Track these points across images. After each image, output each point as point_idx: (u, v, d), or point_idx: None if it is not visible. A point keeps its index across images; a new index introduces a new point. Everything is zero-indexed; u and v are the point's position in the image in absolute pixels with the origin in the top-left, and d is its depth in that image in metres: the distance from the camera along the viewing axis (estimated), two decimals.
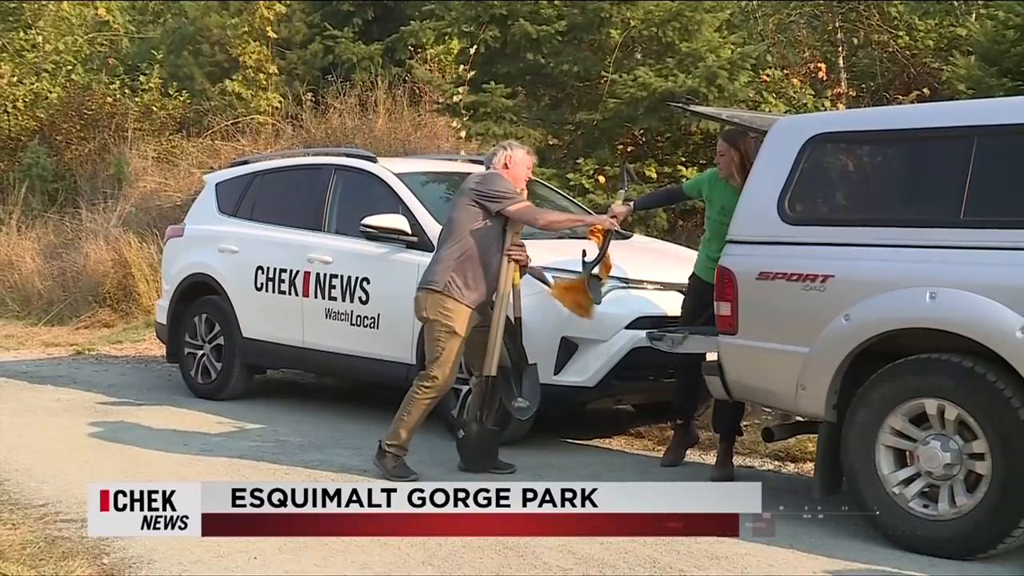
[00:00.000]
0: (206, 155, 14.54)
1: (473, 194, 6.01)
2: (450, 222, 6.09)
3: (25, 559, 4.59)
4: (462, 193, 6.11)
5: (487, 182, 6.05)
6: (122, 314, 12.39)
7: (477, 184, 6.05)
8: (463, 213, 6.01)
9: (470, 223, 5.98)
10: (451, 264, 5.95)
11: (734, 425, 6.22)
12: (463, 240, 5.97)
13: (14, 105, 16.08)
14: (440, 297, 5.93)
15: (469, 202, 6.00)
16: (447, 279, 5.93)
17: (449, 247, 6.00)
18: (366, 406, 8.06)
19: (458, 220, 6.02)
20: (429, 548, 4.82)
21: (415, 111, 13.57)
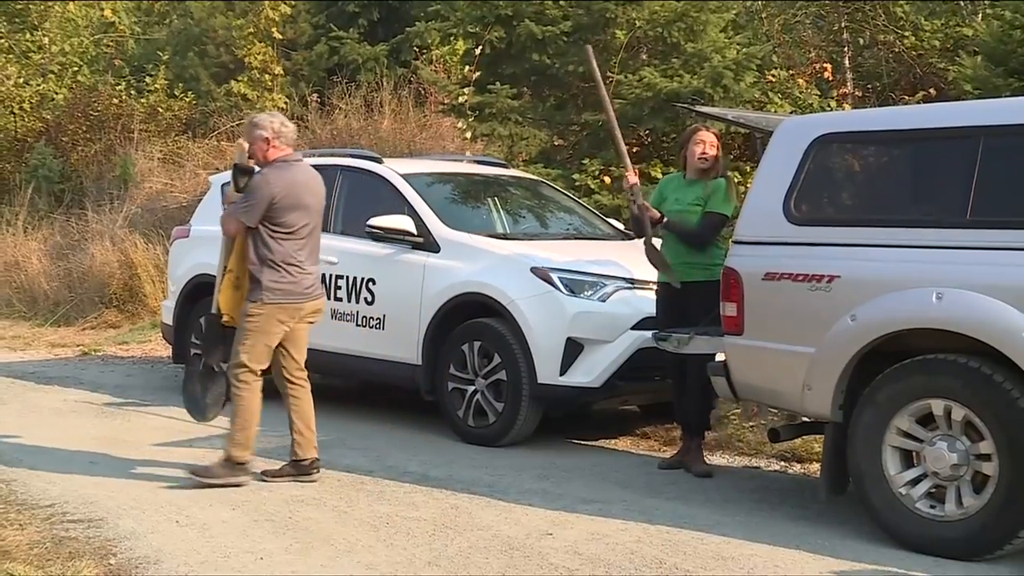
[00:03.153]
0: (212, 156, 14.55)
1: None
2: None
3: (32, 559, 4.59)
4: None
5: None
6: (128, 315, 12.40)
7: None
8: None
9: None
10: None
11: (704, 422, 6.29)
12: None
13: (20, 106, 16.11)
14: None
15: None
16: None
17: None
18: (372, 407, 8.07)
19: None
20: (435, 548, 4.82)
21: (420, 112, 13.57)
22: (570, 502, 5.56)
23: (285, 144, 5.81)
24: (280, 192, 5.69)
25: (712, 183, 6.27)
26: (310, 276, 5.86)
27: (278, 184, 5.70)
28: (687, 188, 6.29)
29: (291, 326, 5.86)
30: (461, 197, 8.17)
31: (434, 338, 7.09)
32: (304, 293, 5.83)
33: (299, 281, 5.78)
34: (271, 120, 5.81)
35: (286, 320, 5.82)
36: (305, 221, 5.79)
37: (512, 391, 6.73)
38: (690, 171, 6.33)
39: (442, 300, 7.08)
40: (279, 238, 5.72)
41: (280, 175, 5.74)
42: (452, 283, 7.06)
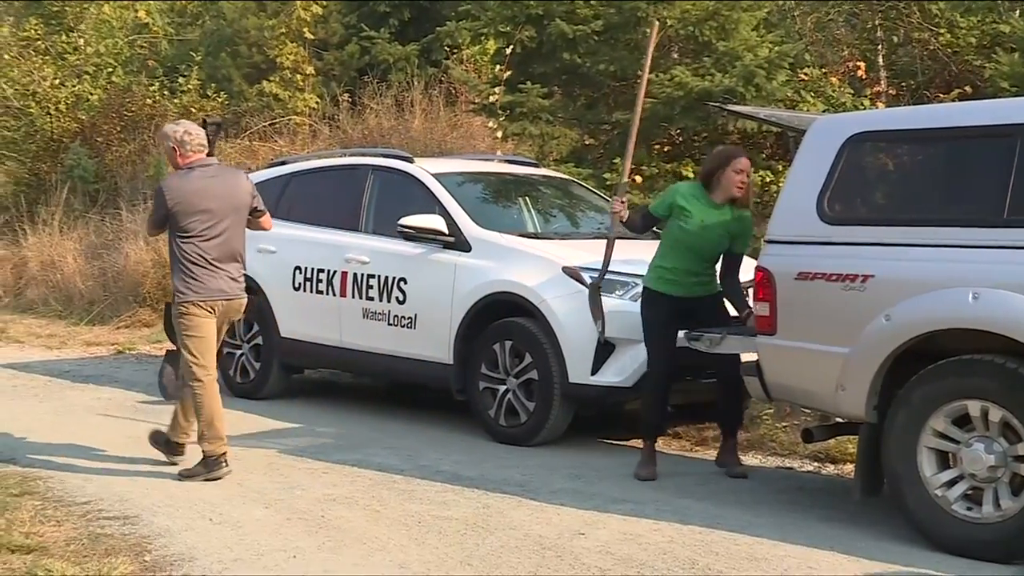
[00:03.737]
0: (244, 156, 14.61)
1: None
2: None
3: (69, 555, 4.64)
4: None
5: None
6: (161, 314, 12.45)
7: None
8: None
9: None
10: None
11: (655, 418, 6.25)
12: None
13: (56, 107, 16.24)
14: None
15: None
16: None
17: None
18: (403, 406, 8.09)
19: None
20: (467, 548, 4.83)
21: (451, 111, 13.59)
22: (602, 502, 5.55)
23: (191, 151, 6.06)
24: (172, 200, 5.96)
25: (740, 214, 6.11)
26: (222, 276, 6.06)
27: (171, 193, 5.98)
28: (713, 210, 6.04)
29: (216, 318, 6.08)
30: (492, 196, 8.17)
31: (465, 337, 7.10)
32: (217, 291, 6.04)
33: (208, 282, 6.00)
34: (175, 130, 6.12)
35: (207, 315, 6.04)
36: (207, 224, 5.99)
37: (543, 390, 6.72)
38: (720, 193, 6.06)
39: (473, 299, 7.08)
40: (183, 241, 5.98)
41: (174, 183, 6.03)
42: (483, 282, 7.07)
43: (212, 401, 6.02)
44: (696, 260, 6.10)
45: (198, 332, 6.03)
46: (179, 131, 6.10)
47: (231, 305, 6.16)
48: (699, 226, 6.01)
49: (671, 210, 6.11)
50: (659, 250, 6.22)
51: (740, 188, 6.00)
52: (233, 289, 6.14)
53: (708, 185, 6.09)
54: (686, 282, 6.09)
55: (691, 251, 6.07)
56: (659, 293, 6.12)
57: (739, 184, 6.00)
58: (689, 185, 6.38)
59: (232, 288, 6.13)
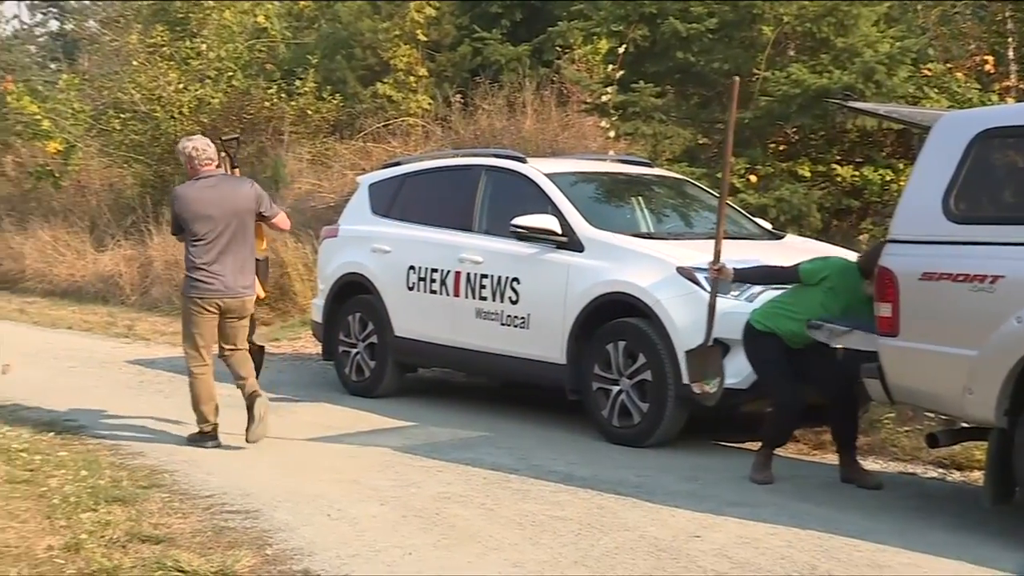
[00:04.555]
0: (358, 157, 14.85)
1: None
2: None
3: (195, 547, 4.77)
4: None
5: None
6: (279, 313, 12.75)
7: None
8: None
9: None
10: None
11: (782, 437, 6.11)
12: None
13: (180, 111, 16.73)
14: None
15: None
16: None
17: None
18: (516, 405, 8.11)
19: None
20: (582, 548, 4.82)
21: (563, 111, 13.57)
22: (717, 504, 5.49)
23: (199, 164, 6.71)
24: (179, 207, 6.68)
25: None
26: (224, 277, 6.61)
27: (177, 201, 6.72)
28: (863, 303, 5.70)
29: (215, 315, 6.66)
30: (605, 196, 8.15)
31: (578, 337, 7.09)
32: (219, 291, 6.61)
33: (209, 283, 6.59)
34: (185, 146, 6.81)
35: (208, 312, 6.64)
36: (209, 229, 6.59)
37: (657, 391, 6.68)
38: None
39: (586, 300, 7.07)
40: (191, 244, 6.64)
41: (180, 192, 6.77)
42: (596, 283, 7.05)
43: (205, 390, 6.76)
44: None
45: (198, 327, 6.67)
46: (188, 147, 6.76)
47: (234, 303, 6.68)
48: (841, 309, 5.81)
49: (820, 282, 5.87)
50: (787, 305, 5.97)
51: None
52: (236, 288, 6.66)
53: (866, 276, 5.74)
54: (796, 342, 5.92)
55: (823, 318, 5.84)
56: (768, 334, 5.97)
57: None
58: (847, 265, 6.00)
59: (235, 288, 6.65)
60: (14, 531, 4.88)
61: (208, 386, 6.77)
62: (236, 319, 6.76)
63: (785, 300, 6.03)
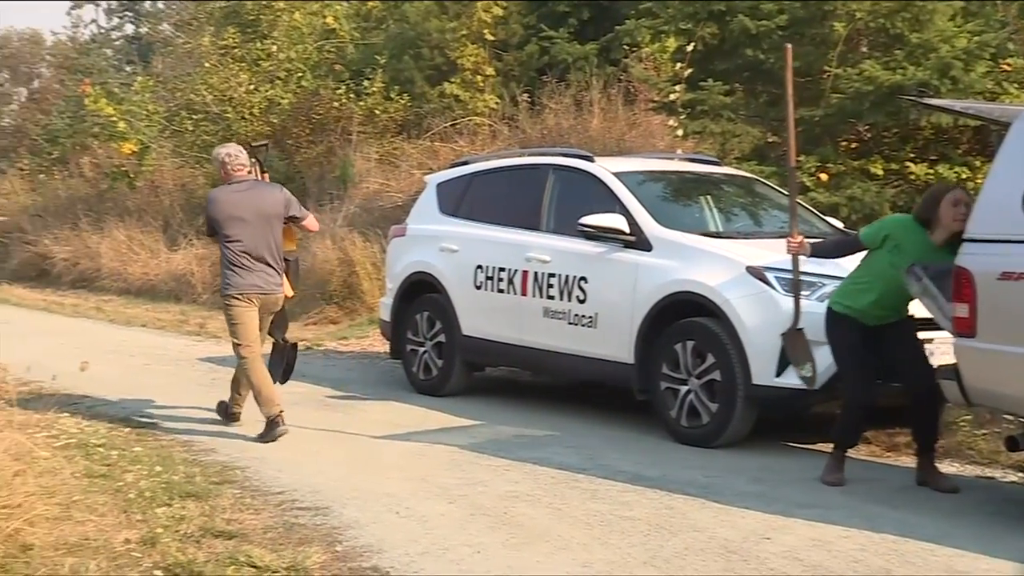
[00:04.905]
0: (425, 156, 14.92)
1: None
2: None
3: (266, 543, 4.83)
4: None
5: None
6: (347, 311, 12.87)
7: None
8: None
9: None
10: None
11: (851, 436, 5.99)
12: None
13: (250, 111, 16.95)
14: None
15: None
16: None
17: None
18: (583, 405, 8.09)
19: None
20: (651, 549, 4.79)
21: (630, 110, 13.51)
22: (787, 506, 5.42)
23: (232, 170, 7.15)
24: (212, 210, 7.10)
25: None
26: (257, 274, 7.02)
27: (211, 204, 7.15)
28: (932, 253, 5.63)
29: (256, 307, 7.05)
30: (673, 195, 8.10)
31: (646, 337, 7.06)
32: (251, 286, 6.99)
33: (245, 278, 6.99)
34: (219, 152, 7.32)
35: (246, 305, 7.03)
36: (240, 230, 6.99)
37: (726, 392, 6.62)
38: (941, 233, 5.65)
39: (654, 299, 7.03)
40: (225, 245, 7.04)
41: (214, 195, 7.20)
42: (665, 282, 7.01)
43: (257, 373, 6.99)
44: (897, 296, 5.77)
45: (240, 320, 7.04)
46: (222, 153, 7.27)
47: (267, 299, 7.09)
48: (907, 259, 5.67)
49: (883, 242, 5.77)
50: (858, 277, 5.89)
51: (959, 221, 5.55)
52: (268, 285, 7.06)
53: (927, 226, 5.70)
54: (880, 315, 5.81)
55: (896, 286, 5.70)
56: (848, 317, 5.86)
57: (958, 217, 5.56)
58: (905, 219, 5.91)
59: (267, 284, 7.05)
60: (93, 524, 4.98)
61: (263, 371, 7.07)
62: (264, 314, 7.15)
63: (856, 273, 5.94)
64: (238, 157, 7.20)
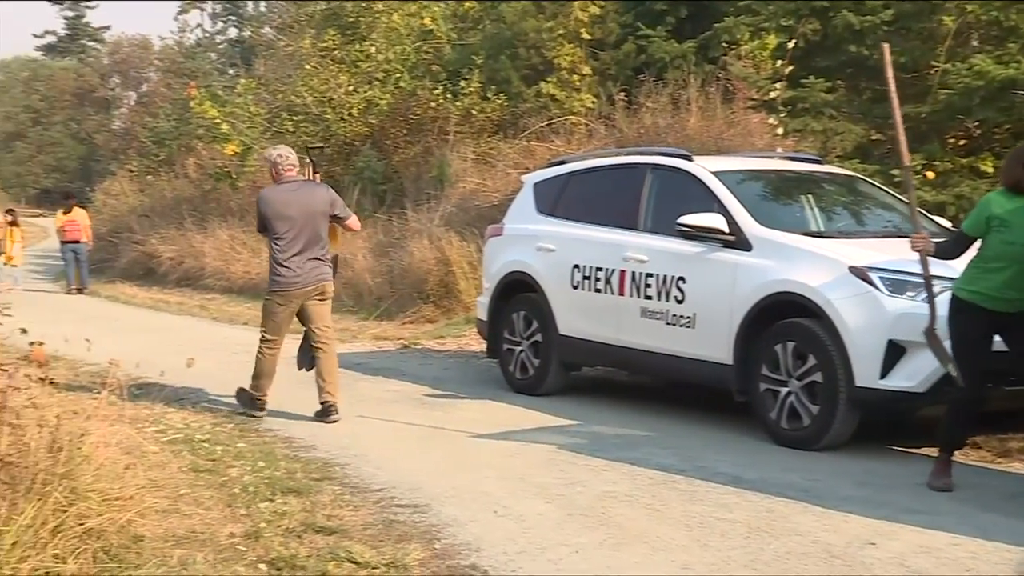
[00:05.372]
0: (521, 156, 14.97)
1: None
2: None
3: (366, 539, 4.88)
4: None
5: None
6: (444, 310, 12.96)
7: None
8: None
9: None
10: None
11: (958, 437, 5.81)
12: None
13: (349, 112, 17.18)
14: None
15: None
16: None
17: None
18: (681, 405, 8.02)
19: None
20: (751, 552, 4.73)
21: (728, 108, 13.38)
22: (893, 511, 5.30)
23: (282, 170, 7.57)
24: (264, 207, 7.53)
25: None
26: (301, 269, 7.44)
27: (262, 202, 7.57)
28: None
29: (293, 308, 7.51)
30: (773, 194, 7.98)
31: (746, 338, 6.97)
32: (295, 282, 7.45)
33: (288, 276, 7.43)
34: (271, 153, 7.76)
35: (284, 303, 7.50)
36: (287, 227, 7.42)
37: (828, 394, 6.50)
38: None
39: (754, 299, 6.94)
40: (273, 241, 7.47)
41: (265, 195, 7.61)
42: (764, 282, 6.91)
43: (267, 364, 7.63)
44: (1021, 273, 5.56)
45: (274, 315, 7.58)
46: (273, 154, 7.70)
47: (310, 290, 7.52)
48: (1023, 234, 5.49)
49: (988, 225, 5.59)
50: (978, 262, 5.70)
51: None
52: (313, 280, 7.50)
53: (1019, 189, 5.54)
54: (1008, 297, 5.60)
55: (1018, 263, 5.51)
56: (975, 306, 5.64)
57: None
58: (998, 194, 5.73)
59: (312, 279, 7.49)
60: (199, 517, 5.10)
61: (272, 364, 7.64)
62: (319, 300, 7.57)
63: (975, 259, 5.73)
64: (288, 158, 7.61)
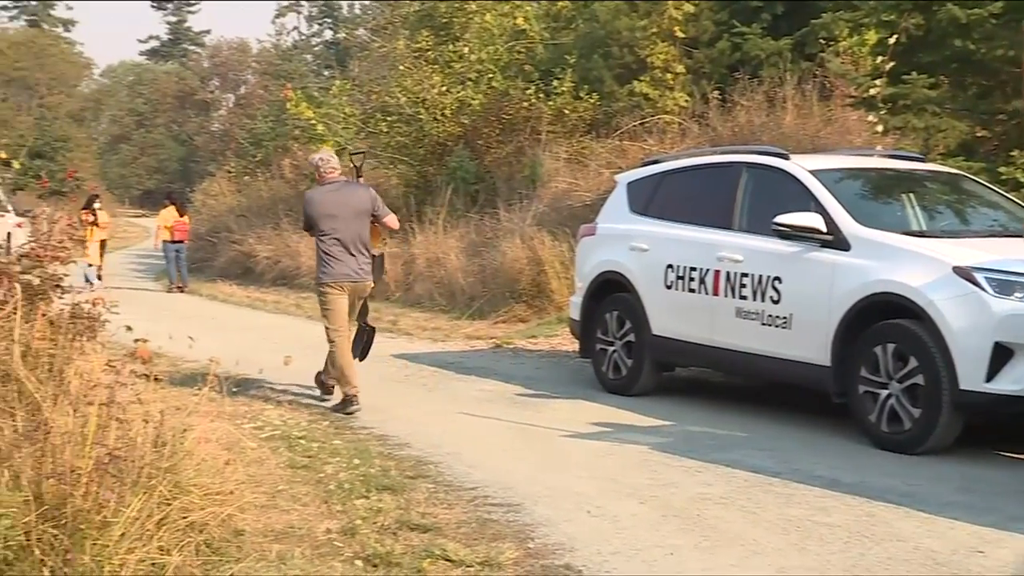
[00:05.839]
0: (614, 155, 14.89)
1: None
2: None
3: (460, 537, 4.90)
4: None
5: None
6: (536, 310, 12.96)
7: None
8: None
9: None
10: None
11: None
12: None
13: (442, 113, 17.29)
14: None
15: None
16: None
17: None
18: (775, 407, 7.90)
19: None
20: (851, 557, 4.63)
21: (825, 106, 13.14)
22: (1000, 519, 5.14)
23: (325, 172, 8.05)
24: (309, 208, 8.05)
25: None
26: (348, 264, 7.87)
27: (309, 203, 8.10)
28: None
29: (346, 297, 7.88)
30: (873, 193, 7.83)
31: (844, 339, 6.84)
32: (344, 273, 7.86)
33: (336, 268, 7.86)
34: (315, 158, 8.36)
35: (338, 292, 7.89)
36: (333, 226, 7.87)
37: (930, 397, 6.35)
38: None
39: (853, 300, 6.81)
40: (319, 238, 7.94)
41: (310, 195, 8.20)
42: (864, 282, 6.78)
43: (343, 355, 7.84)
44: None
45: (331, 306, 7.91)
46: (317, 158, 8.25)
47: (356, 286, 7.94)
48: None
49: None
50: None
51: None
52: (357, 274, 7.92)
53: None
54: None
55: None
56: None
57: None
58: None
59: (356, 273, 7.91)
60: (297, 513, 5.17)
61: (348, 352, 7.93)
62: (355, 299, 8.01)
63: None
64: (330, 161, 8.12)
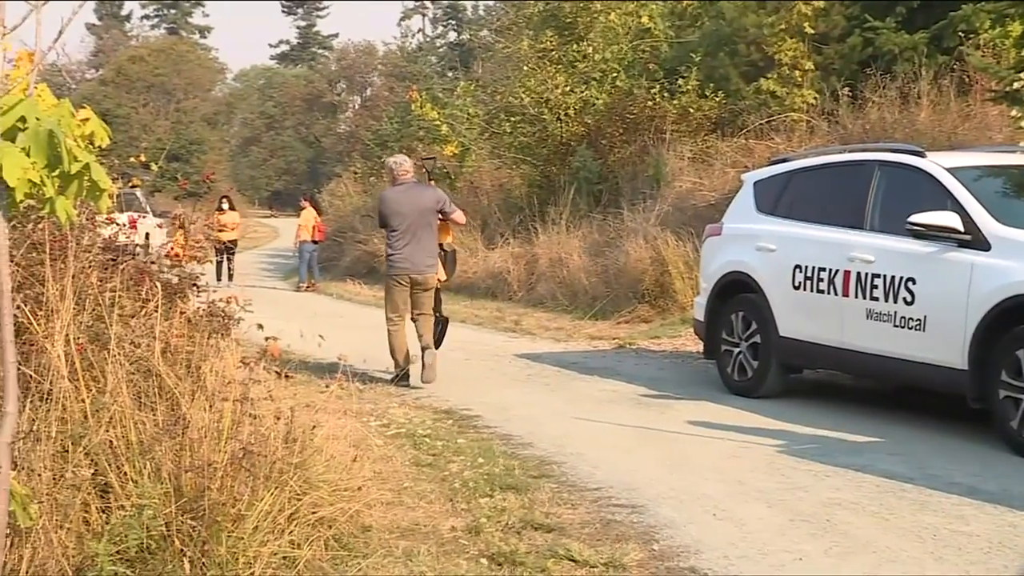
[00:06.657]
0: (740, 154, 14.69)
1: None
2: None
3: (584, 538, 4.88)
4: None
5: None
6: (659, 310, 12.86)
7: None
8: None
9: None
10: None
11: None
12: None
13: (566, 113, 17.30)
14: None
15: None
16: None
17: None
18: (908, 410, 7.67)
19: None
20: (993, 568, 4.46)
21: (963, 101, 12.71)
22: None
23: (398, 174, 8.96)
24: (382, 206, 9.01)
25: None
26: (413, 258, 8.74)
27: (382, 201, 9.07)
28: None
29: (407, 289, 8.77)
30: (1016, 191, 7.52)
31: (982, 341, 6.59)
32: (407, 267, 8.75)
33: (401, 263, 8.76)
34: (389, 161, 9.35)
35: (398, 284, 8.82)
36: (400, 222, 8.79)
37: None
38: None
39: (993, 301, 6.56)
40: (389, 234, 8.90)
41: (384, 195, 9.12)
42: (1005, 284, 6.53)
43: (398, 338, 8.84)
44: None
45: (392, 296, 8.90)
46: (390, 162, 9.22)
47: (417, 279, 8.76)
48: None
49: None
50: None
51: None
52: (420, 268, 8.77)
53: None
54: None
55: None
56: None
57: None
58: None
59: (419, 266, 8.77)
60: (422, 511, 5.23)
61: (401, 337, 8.84)
62: (422, 291, 8.80)
63: None
64: (402, 164, 9.03)
